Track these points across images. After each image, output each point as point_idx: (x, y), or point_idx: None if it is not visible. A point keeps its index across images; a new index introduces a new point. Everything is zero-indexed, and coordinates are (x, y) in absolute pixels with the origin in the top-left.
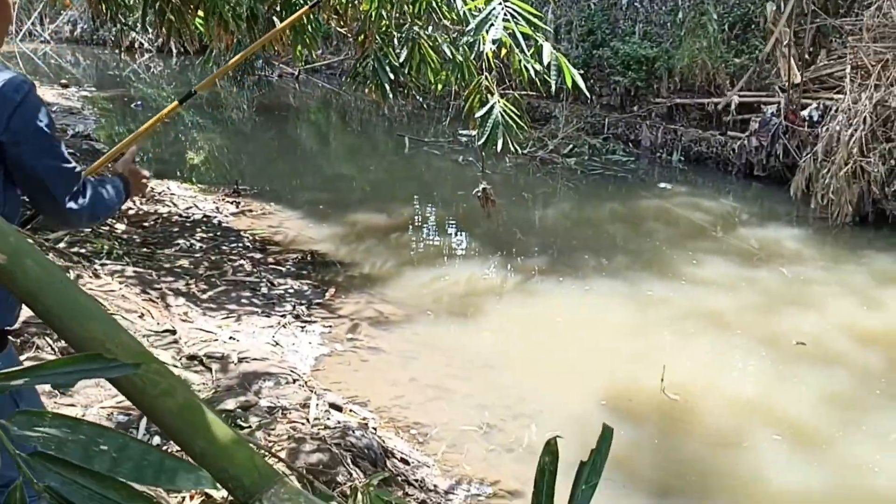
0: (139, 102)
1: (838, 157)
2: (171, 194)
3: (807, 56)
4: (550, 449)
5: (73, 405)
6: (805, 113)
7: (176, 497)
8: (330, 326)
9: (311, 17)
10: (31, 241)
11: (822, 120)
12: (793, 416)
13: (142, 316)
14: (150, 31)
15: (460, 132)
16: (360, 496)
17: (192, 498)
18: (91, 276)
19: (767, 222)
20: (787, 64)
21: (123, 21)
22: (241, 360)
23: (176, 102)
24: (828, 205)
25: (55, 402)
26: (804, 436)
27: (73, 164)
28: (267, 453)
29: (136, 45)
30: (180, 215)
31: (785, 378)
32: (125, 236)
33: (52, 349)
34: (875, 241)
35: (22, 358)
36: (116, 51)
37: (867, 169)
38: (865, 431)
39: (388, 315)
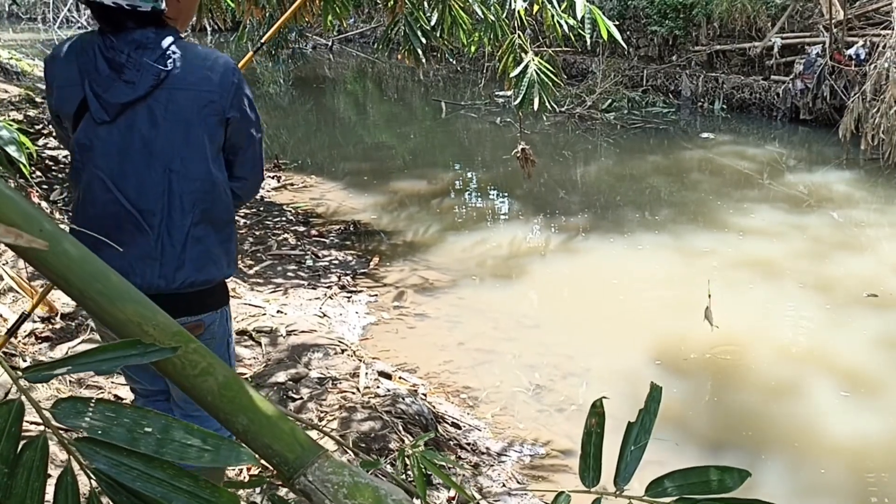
0: None
1: (888, 96)
2: None
3: None
4: (596, 410)
5: (123, 383)
6: (851, 51)
7: (234, 470)
8: (376, 295)
9: None
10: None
11: (870, 58)
12: (850, 364)
13: None
14: None
15: (496, 93)
16: (406, 459)
17: (248, 470)
18: None
19: (816, 167)
20: (829, 2)
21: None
22: (289, 333)
23: (251, 53)
24: (878, 145)
25: (111, 381)
26: (863, 384)
27: (248, 133)
28: (311, 427)
29: None
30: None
31: (841, 325)
32: None
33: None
34: None
35: (76, 341)
36: None
37: None
38: None
39: (433, 281)
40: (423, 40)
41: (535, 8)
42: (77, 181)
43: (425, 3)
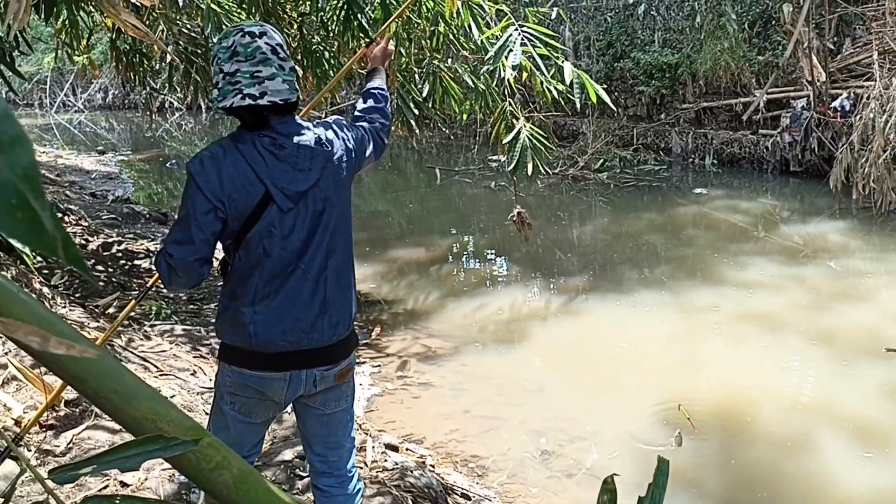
0: (174, 161)
1: (875, 145)
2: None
3: (831, 46)
4: (608, 487)
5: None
6: (836, 104)
7: None
8: (379, 365)
9: (334, 60)
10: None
11: (855, 109)
12: (858, 415)
13: (194, 373)
14: (179, 90)
15: (489, 158)
16: None
17: None
18: (142, 339)
19: (809, 217)
20: (810, 64)
21: (152, 85)
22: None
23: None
24: (870, 194)
25: None
26: (872, 435)
27: (366, 131)
28: None
29: (167, 105)
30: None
31: (846, 376)
32: (171, 296)
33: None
34: None
35: (80, 428)
36: (148, 113)
37: None
38: None
39: (436, 349)
40: (416, 111)
41: (525, 75)
42: (258, 262)
43: (416, 76)
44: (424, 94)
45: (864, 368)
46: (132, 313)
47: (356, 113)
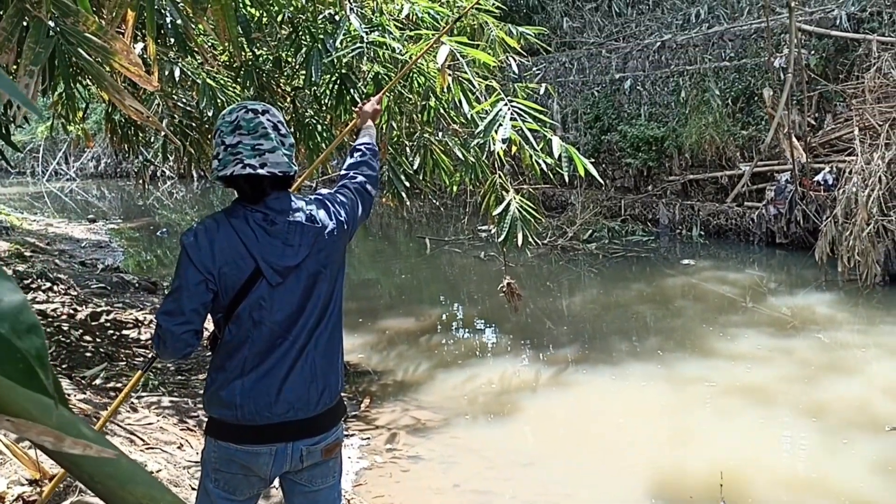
0: (164, 230)
1: (859, 219)
2: None
3: (812, 122)
4: None
5: None
6: (819, 177)
7: None
8: (368, 438)
9: (326, 133)
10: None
11: (837, 183)
12: (851, 489)
13: (181, 447)
14: (171, 160)
15: (479, 228)
16: None
17: None
18: (129, 411)
19: (796, 289)
20: (791, 146)
21: (145, 155)
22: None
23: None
24: (855, 266)
25: None
26: None
27: (353, 192)
28: None
29: (159, 174)
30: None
31: (838, 451)
32: (159, 366)
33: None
34: None
35: (66, 503)
36: (140, 182)
37: (889, 227)
38: None
39: (425, 421)
40: (406, 183)
41: (514, 148)
42: (247, 336)
43: (407, 149)
44: (415, 167)
45: (856, 443)
46: (118, 384)
47: (343, 169)
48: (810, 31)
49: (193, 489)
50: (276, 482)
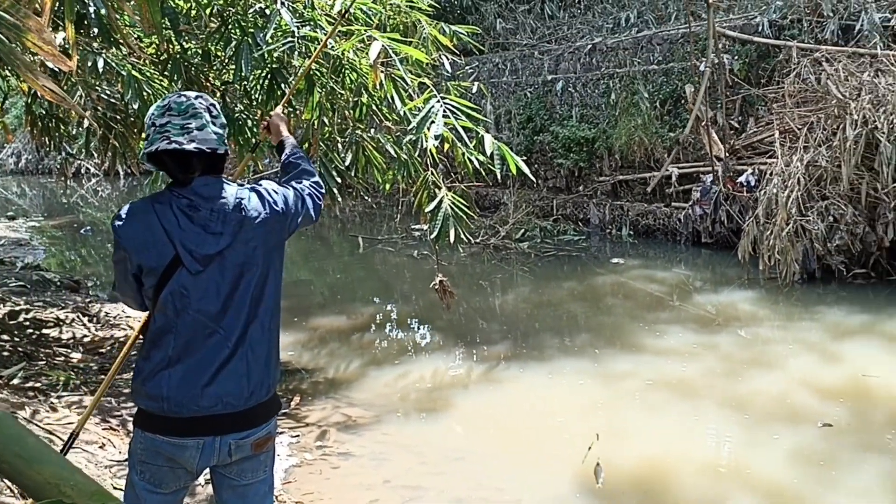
0: (88, 228)
1: (779, 219)
2: (127, 317)
3: (736, 125)
4: None
5: None
6: (742, 179)
7: None
8: (298, 435)
9: (256, 129)
10: None
11: (760, 184)
12: (769, 479)
13: (102, 446)
14: (96, 156)
15: (412, 227)
16: None
17: None
18: (48, 411)
19: (721, 287)
20: (710, 140)
21: (68, 150)
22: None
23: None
24: (775, 265)
25: None
26: (784, 499)
27: (298, 192)
28: None
29: (83, 171)
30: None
31: (757, 441)
32: (81, 365)
33: (10, 490)
34: (825, 297)
35: None
36: (63, 178)
37: (808, 227)
38: (845, 487)
39: (357, 418)
40: (339, 179)
41: (447, 146)
42: (171, 325)
43: (339, 145)
44: (347, 163)
45: (777, 435)
46: (37, 384)
47: (282, 182)
48: (734, 37)
49: (116, 488)
50: (207, 475)
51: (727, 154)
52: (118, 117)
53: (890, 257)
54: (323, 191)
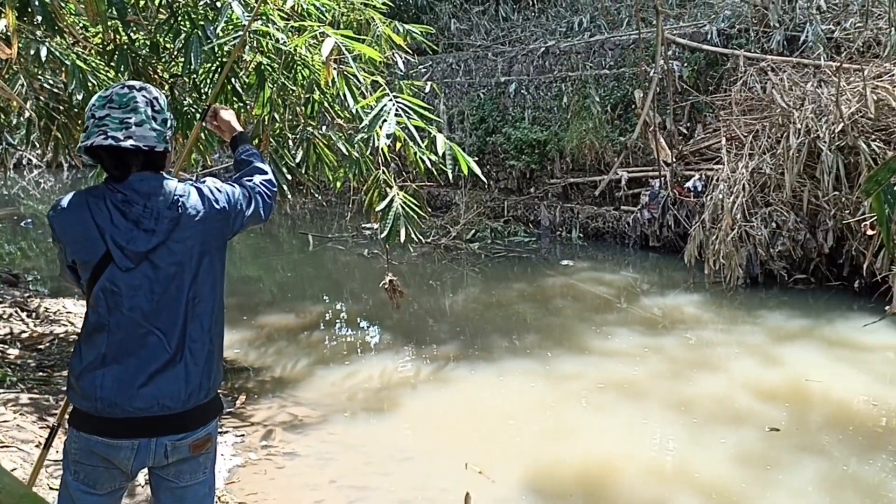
0: (29, 220)
1: (724, 224)
2: (68, 312)
3: (684, 131)
4: None
5: None
6: (689, 184)
7: None
8: (242, 435)
9: (205, 127)
10: None
11: (706, 189)
12: (712, 479)
13: (39, 445)
14: (38, 147)
15: (363, 226)
16: None
17: None
18: None
19: (667, 290)
20: (657, 145)
21: (9, 141)
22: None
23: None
24: (720, 269)
25: None
26: (726, 499)
27: (247, 190)
28: None
29: (24, 162)
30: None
31: (701, 443)
32: (18, 361)
33: None
34: (767, 301)
35: None
36: (2, 169)
37: (751, 233)
38: (786, 488)
39: (303, 418)
40: (289, 176)
41: (398, 145)
42: (104, 322)
43: (290, 142)
44: (298, 160)
45: (717, 435)
46: None
47: (233, 180)
48: (683, 44)
49: (52, 489)
50: (145, 476)
51: (675, 159)
52: (61, 108)
53: (829, 263)
54: (275, 189)
